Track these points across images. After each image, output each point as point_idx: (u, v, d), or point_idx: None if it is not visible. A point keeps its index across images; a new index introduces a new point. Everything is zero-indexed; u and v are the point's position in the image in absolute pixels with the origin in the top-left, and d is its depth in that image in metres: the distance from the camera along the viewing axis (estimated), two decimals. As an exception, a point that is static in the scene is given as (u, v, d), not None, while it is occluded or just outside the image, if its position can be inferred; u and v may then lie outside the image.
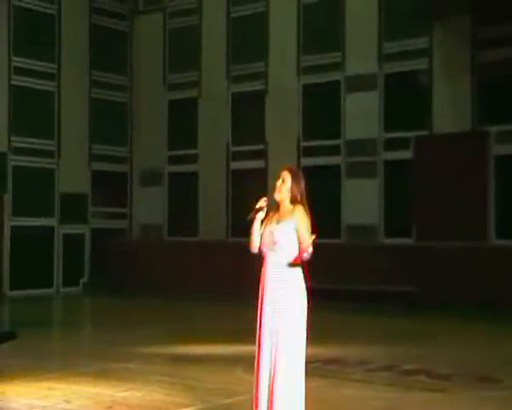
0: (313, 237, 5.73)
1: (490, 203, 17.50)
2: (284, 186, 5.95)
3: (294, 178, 5.98)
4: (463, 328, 13.86)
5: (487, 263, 16.52)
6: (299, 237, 5.82)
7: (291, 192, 5.94)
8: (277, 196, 5.97)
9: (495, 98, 17.64)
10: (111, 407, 7.28)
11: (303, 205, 5.93)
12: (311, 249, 5.75)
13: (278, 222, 5.91)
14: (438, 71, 18.48)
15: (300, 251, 5.79)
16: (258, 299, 6.13)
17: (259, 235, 6.00)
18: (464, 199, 17.51)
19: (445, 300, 16.05)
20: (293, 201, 5.96)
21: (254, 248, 6.05)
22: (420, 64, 18.77)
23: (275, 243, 5.88)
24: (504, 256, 16.56)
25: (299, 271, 5.88)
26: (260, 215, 6.03)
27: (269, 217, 6.01)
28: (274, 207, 6.03)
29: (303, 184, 6.01)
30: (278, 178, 6.01)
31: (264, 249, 5.97)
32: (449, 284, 16.40)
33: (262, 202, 6.02)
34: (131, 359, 9.96)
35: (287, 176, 5.97)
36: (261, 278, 6.08)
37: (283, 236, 5.85)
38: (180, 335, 12.49)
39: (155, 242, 22.49)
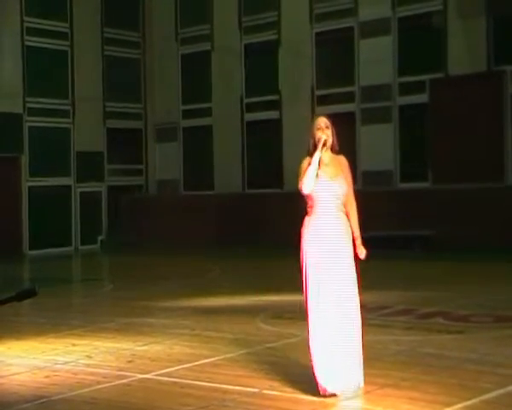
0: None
1: (507, 144, 17.38)
2: (329, 131, 5.99)
3: (332, 126, 6.04)
4: (480, 270, 13.83)
5: (505, 204, 16.43)
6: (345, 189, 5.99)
7: (333, 138, 6.02)
8: (329, 141, 5.97)
9: (510, 37, 17.39)
10: (132, 360, 7.37)
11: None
12: (355, 201, 6.13)
13: (334, 173, 5.94)
14: (452, 11, 18.22)
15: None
16: (307, 244, 6.01)
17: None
18: (480, 140, 17.39)
19: (462, 243, 16.01)
20: (333, 148, 6.04)
21: (308, 190, 5.90)
22: (433, 6, 18.52)
23: (339, 195, 5.93)
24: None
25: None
26: (319, 155, 5.92)
27: (320, 162, 5.94)
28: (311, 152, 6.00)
29: None
30: (317, 125, 5.99)
31: (322, 196, 5.89)
32: (466, 226, 16.35)
33: (325, 136, 5.95)
34: (151, 313, 10.07)
35: (328, 123, 6.01)
36: (311, 224, 5.99)
37: (343, 188, 5.96)
38: (198, 288, 12.58)
39: (172, 197, 22.55)
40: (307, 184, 5.89)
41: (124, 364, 7.25)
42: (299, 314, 9.52)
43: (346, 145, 6.27)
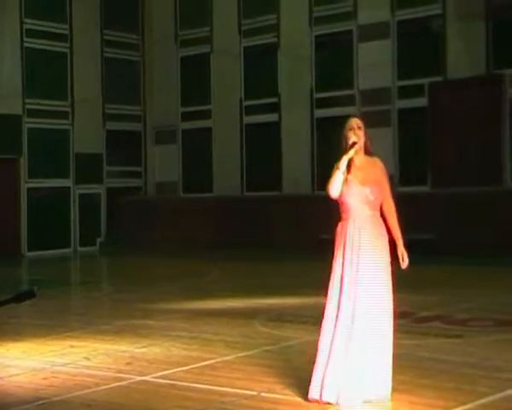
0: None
1: (505, 147, 17.40)
2: (361, 132, 5.87)
3: (364, 127, 5.93)
4: (480, 274, 13.85)
5: (504, 207, 16.44)
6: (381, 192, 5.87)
7: (365, 139, 5.90)
8: (359, 141, 5.83)
9: (509, 41, 17.40)
10: (130, 363, 7.37)
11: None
12: (393, 203, 5.96)
13: (366, 177, 5.81)
14: (451, 15, 18.25)
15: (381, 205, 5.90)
16: (337, 249, 5.83)
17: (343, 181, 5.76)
18: (479, 144, 17.41)
19: (461, 246, 16.01)
20: (366, 149, 5.92)
21: (337, 194, 5.78)
22: (432, 9, 18.54)
23: (371, 199, 5.80)
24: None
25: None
26: (351, 154, 5.80)
27: (351, 165, 5.82)
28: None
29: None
30: (349, 126, 5.88)
31: (353, 201, 5.79)
32: (465, 230, 16.36)
33: (354, 138, 5.82)
34: (150, 315, 10.06)
35: (361, 124, 5.90)
36: (342, 230, 5.83)
37: (375, 193, 5.82)
38: (197, 291, 12.58)
39: (170, 199, 22.55)
40: (334, 189, 5.76)
41: (122, 366, 7.25)
42: (298, 318, 9.56)
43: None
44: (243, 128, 21.45)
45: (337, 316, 5.70)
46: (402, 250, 5.95)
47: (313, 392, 5.72)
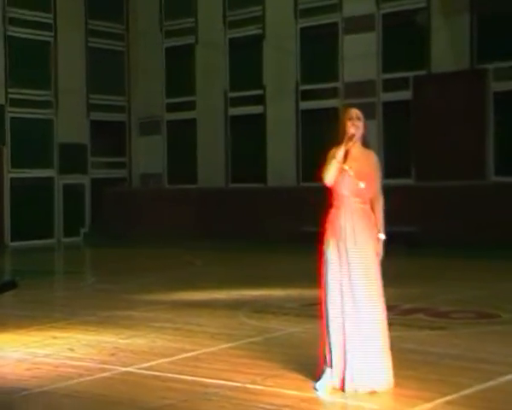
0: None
1: (489, 141, 17.50)
2: (360, 123, 5.88)
3: (364, 119, 5.94)
4: (463, 267, 13.92)
5: (487, 201, 16.52)
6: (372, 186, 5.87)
7: (363, 131, 5.90)
8: (357, 132, 5.85)
9: (493, 35, 17.49)
10: (114, 354, 7.36)
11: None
12: (382, 198, 5.93)
13: (360, 170, 5.82)
14: (435, 9, 18.30)
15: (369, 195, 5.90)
16: (328, 236, 5.86)
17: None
18: (463, 137, 17.48)
19: (445, 239, 16.10)
20: (363, 141, 5.93)
21: (331, 182, 5.82)
22: (417, 2, 18.59)
23: (364, 193, 5.82)
24: (504, 193, 16.56)
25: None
26: (349, 146, 5.83)
27: (347, 155, 5.84)
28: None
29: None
30: (348, 115, 5.88)
31: (345, 192, 5.81)
32: (449, 223, 16.44)
33: (353, 130, 5.83)
34: (134, 306, 10.04)
35: (360, 115, 5.90)
36: (333, 217, 5.88)
37: (368, 187, 5.83)
38: (181, 282, 12.59)
39: (155, 190, 22.51)
40: (329, 177, 5.80)
41: (106, 357, 7.24)
42: (282, 309, 9.57)
43: (330, 142, 6.20)
44: (228, 120, 21.43)
45: (342, 310, 5.77)
46: (379, 248, 5.92)
47: (348, 385, 5.76)
